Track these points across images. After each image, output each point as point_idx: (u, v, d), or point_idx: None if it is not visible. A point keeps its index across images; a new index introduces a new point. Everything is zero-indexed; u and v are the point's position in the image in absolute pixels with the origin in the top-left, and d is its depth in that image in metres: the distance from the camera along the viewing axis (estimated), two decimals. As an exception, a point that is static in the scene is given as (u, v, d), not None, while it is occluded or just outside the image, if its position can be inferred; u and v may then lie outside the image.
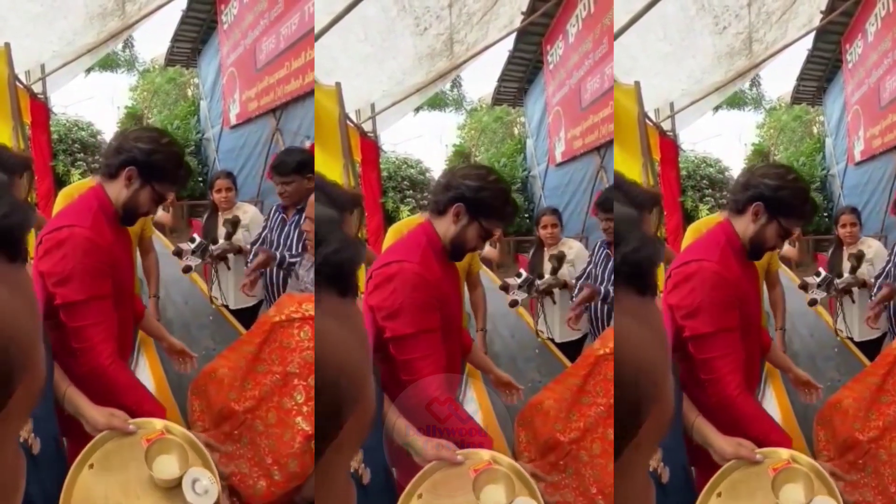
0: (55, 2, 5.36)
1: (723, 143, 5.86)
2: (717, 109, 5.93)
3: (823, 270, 5.17)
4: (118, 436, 3.57)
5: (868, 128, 5.72)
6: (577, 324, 5.06)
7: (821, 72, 5.99)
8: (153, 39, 5.56)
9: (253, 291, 4.92)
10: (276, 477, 3.81)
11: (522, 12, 5.91)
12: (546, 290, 5.13)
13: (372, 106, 5.83)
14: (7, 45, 5.11)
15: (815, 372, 4.74)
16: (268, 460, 3.84)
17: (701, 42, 5.91)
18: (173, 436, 3.59)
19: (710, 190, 5.70)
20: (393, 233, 4.99)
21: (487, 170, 4.19)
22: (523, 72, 5.96)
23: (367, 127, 5.78)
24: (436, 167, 5.57)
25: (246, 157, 5.45)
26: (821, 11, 5.91)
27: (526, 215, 5.60)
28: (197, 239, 4.90)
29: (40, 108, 5.26)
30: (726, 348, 3.79)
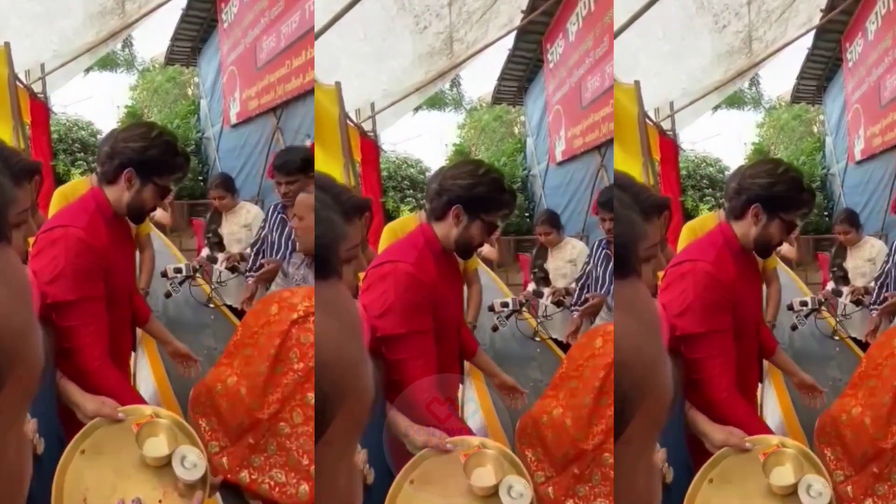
0: (55, 1, 5.35)
1: (723, 143, 5.86)
2: (717, 109, 5.94)
3: (810, 302, 5.16)
4: (108, 423, 3.64)
5: (868, 126, 5.72)
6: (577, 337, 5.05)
7: (821, 70, 5.99)
8: (153, 38, 5.56)
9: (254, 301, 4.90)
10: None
11: (522, 10, 5.90)
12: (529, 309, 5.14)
13: (372, 105, 5.82)
14: (7, 45, 5.10)
15: (816, 372, 4.73)
16: (304, 461, 3.79)
17: (700, 41, 5.92)
18: (162, 419, 3.64)
19: (711, 189, 5.70)
20: (388, 232, 4.96)
21: (476, 164, 4.13)
22: (523, 70, 5.95)
23: (367, 126, 5.78)
24: (436, 167, 5.55)
25: (247, 156, 5.44)
26: (821, 10, 5.92)
27: (527, 214, 5.59)
28: (182, 269, 4.89)
29: (40, 108, 5.25)
30: (716, 349, 3.75)
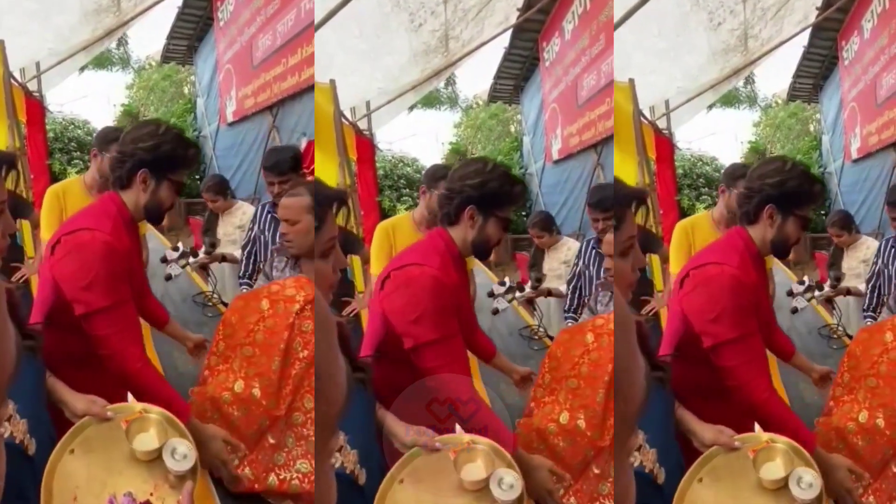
0: (50, -2, 5.34)
1: (719, 141, 5.85)
2: (712, 107, 5.92)
3: (807, 279, 5.15)
4: (97, 421, 3.64)
5: (865, 125, 5.72)
6: None
7: (817, 68, 5.99)
8: (149, 36, 5.52)
9: None
10: None
11: (518, 8, 5.88)
12: (528, 300, 5.12)
13: (367, 103, 5.80)
14: (1, 43, 5.07)
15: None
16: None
17: (696, 39, 5.91)
18: (151, 414, 3.64)
19: (707, 188, 5.69)
20: (381, 231, 4.94)
21: (481, 161, 4.14)
22: (519, 68, 5.93)
23: (363, 125, 5.76)
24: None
25: (243, 155, 5.42)
26: (816, 7, 5.90)
27: (524, 213, 5.58)
28: (180, 248, 4.88)
29: (36, 106, 5.21)
30: (751, 353, 3.77)
